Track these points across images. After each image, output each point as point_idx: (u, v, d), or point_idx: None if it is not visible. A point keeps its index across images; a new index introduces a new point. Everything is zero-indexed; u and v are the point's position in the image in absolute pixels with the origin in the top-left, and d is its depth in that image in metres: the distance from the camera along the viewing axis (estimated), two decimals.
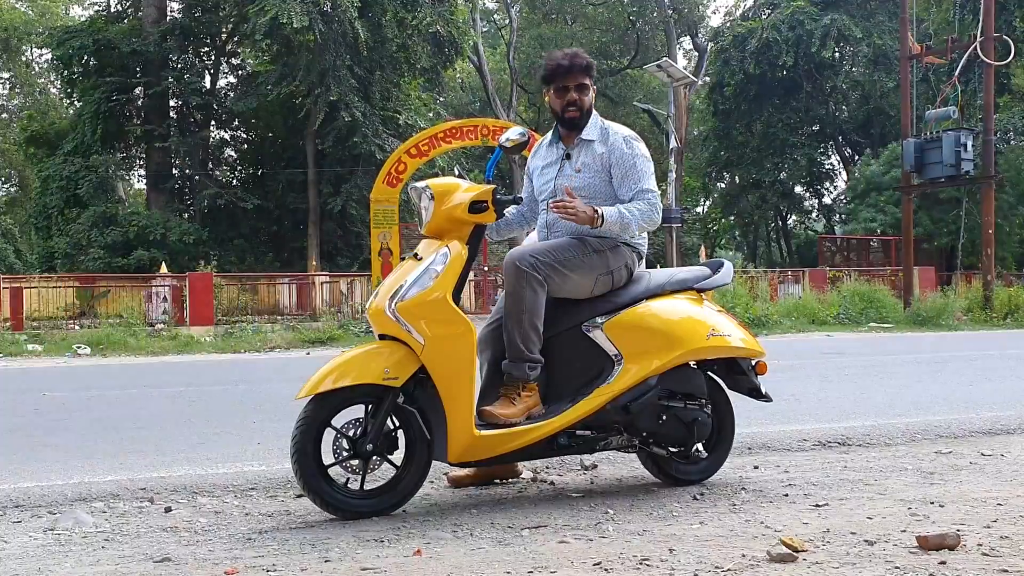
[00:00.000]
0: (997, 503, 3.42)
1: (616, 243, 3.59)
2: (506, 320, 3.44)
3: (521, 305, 3.40)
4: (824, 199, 41.23)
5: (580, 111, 3.64)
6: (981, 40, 18.22)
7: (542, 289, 3.42)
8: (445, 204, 3.39)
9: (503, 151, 3.56)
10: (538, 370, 3.47)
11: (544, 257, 3.44)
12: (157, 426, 5.55)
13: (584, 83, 3.63)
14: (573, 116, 3.65)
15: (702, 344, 3.68)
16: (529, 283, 3.40)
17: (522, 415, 3.39)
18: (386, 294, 3.35)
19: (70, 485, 3.84)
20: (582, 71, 3.61)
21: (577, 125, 3.66)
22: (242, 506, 3.58)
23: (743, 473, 4.10)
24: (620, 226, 3.47)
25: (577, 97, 3.62)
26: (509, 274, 3.43)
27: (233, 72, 29.76)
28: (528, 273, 3.40)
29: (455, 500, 3.64)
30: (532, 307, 3.40)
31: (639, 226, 3.53)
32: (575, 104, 3.62)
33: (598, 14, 37.75)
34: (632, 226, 3.50)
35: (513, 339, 3.42)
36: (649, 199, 3.56)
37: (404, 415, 3.34)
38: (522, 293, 3.39)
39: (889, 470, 4.12)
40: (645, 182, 3.59)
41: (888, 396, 6.67)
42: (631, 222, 3.48)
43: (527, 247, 3.53)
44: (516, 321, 3.41)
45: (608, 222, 3.43)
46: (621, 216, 3.47)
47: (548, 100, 3.73)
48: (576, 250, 3.51)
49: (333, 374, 3.24)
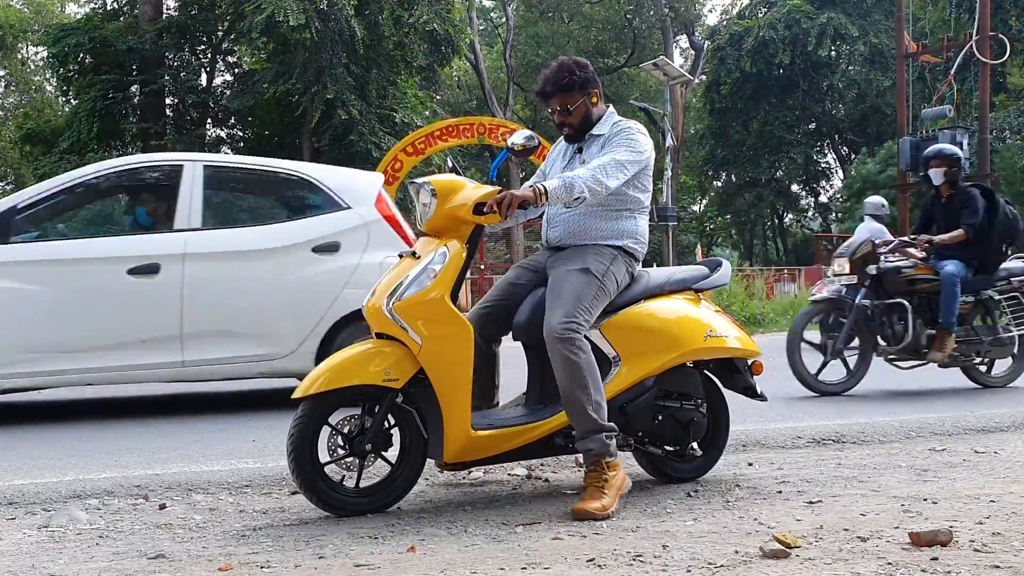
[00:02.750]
0: (990, 500, 3.43)
1: (614, 255, 3.53)
2: (568, 397, 3.28)
3: (580, 374, 3.26)
4: (820, 197, 41.35)
5: (573, 129, 3.62)
6: (977, 39, 18.26)
7: (587, 346, 3.32)
8: (448, 203, 3.33)
9: (510, 153, 3.55)
10: (615, 439, 3.37)
11: (570, 312, 3.31)
12: (152, 422, 5.55)
13: (568, 104, 3.55)
14: (568, 134, 3.65)
15: (699, 345, 3.68)
16: (578, 349, 3.28)
17: (615, 501, 3.27)
18: (383, 292, 3.32)
19: (64, 482, 3.83)
20: (562, 93, 3.53)
21: (575, 139, 3.66)
22: (236, 503, 3.58)
23: (737, 470, 4.11)
24: (565, 191, 3.31)
25: (564, 119, 3.60)
26: (554, 350, 3.28)
27: (229, 70, 29.72)
28: (571, 338, 3.27)
29: (450, 497, 3.64)
30: (591, 371, 3.29)
31: (587, 187, 3.32)
32: (564, 124, 3.62)
33: (595, 12, 37.74)
34: (575, 188, 3.31)
35: (582, 411, 3.27)
36: (603, 164, 3.40)
37: (401, 414, 3.33)
38: (576, 362, 3.26)
39: (883, 467, 4.13)
40: (617, 152, 3.47)
41: (882, 393, 6.68)
42: (574, 184, 3.31)
43: (548, 313, 3.36)
44: (582, 392, 3.26)
45: (552, 194, 3.29)
46: (563, 182, 3.32)
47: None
48: (589, 283, 3.41)
49: (331, 373, 3.22)
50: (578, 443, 3.34)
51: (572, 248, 3.58)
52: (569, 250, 3.58)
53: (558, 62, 3.63)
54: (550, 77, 3.56)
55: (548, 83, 3.56)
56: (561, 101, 3.56)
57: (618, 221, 3.60)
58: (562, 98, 3.55)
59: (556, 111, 3.60)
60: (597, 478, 3.29)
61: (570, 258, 3.52)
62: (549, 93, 3.56)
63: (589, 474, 3.32)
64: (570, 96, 3.55)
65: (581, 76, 3.57)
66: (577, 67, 3.58)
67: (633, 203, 3.63)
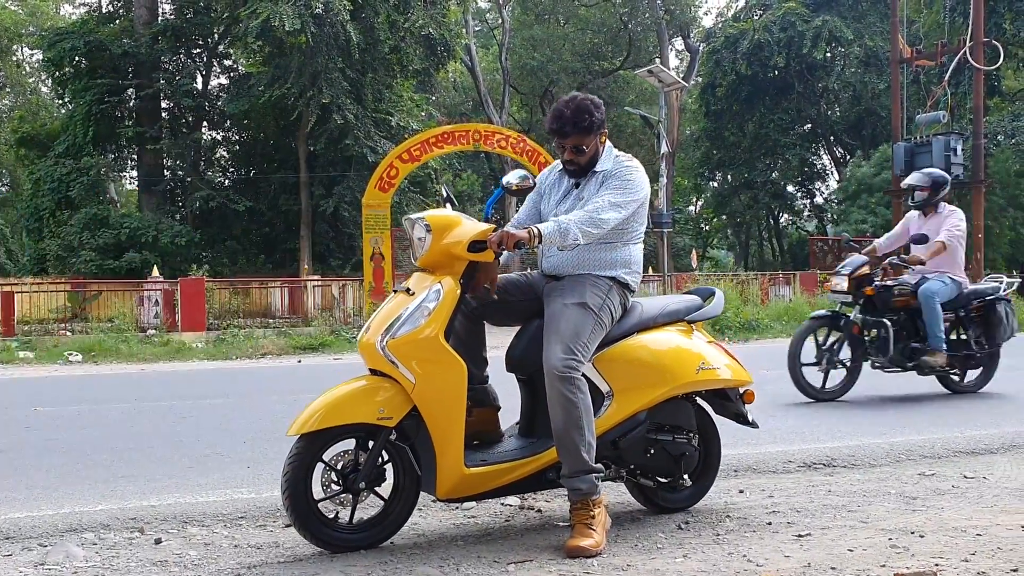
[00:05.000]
0: (976, 533, 3.47)
1: (610, 286, 3.56)
2: (562, 437, 3.31)
3: (577, 414, 3.30)
4: (816, 199, 41.43)
5: (577, 167, 3.61)
6: (970, 45, 18.32)
7: (585, 386, 3.36)
8: (443, 239, 3.36)
9: (505, 192, 3.57)
10: (600, 479, 3.42)
11: (570, 349, 3.34)
12: (147, 447, 5.56)
13: (583, 145, 3.54)
14: (571, 171, 3.65)
15: (691, 378, 3.71)
16: (576, 389, 3.32)
17: (604, 537, 3.32)
18: (377, 329, 3.34)
19: (60, 515, 3.86)
20: (578, 134, 3.52)
21: (576, 176, 3.66)
22: (231, 536, 3.61)
23: (728, 498, 4.15)
24: (560, 236, 3.36)
25: (573, 157, 3.59)
26: (553, 388, 3.31)
27: (225, 73, 29.70)
28: (571, 377, 3.31)
29: (443, 529, 3.68)
30: (587, 412, 3.33)
31: (580, 231, 3.37)
32: (572, 162, 3.61)
33: (590, 15, 37.74)
34: (570, 233, 3.36)
35: (575, 451, 3.30)
36: (599, 207, 3.44)
37: (395, 450, 3.35)
38: (574, 402, 3.30)
39: (872, 494, 4.18)
40: (613, 194, 3.50)
41: (873, 411, 6.75)
42: (568, 229, 3.36)
43: (547, 348, 3.38)
44: (577, 433, 3.30)
45: (546, 237, 3.34)
46: (558, 226, 3.36)
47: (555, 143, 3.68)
48: (586, 317, 3.44)
49: (324, 410, 3.23)
50: (567, 480, 3.38)
51: (568, 279, 3.60)
52: (565, 281, 3.60)
53: (575, 102, 3.56)
54: (569, 117, 3.52)
55: (567, 123, 3.52)
56: (577, 142, 3.55)
57: (612, 251, 3.63)
58: (578, 138, 3.54)
59: (569, 150, 3.58)
60: (585, 515, 3.33)
61: (566, 290, 3.54)
62: (567, 133, 3.54)
63: (577, 512, 3.35)
64: (587, 138, 3.55)
65: (599, 118, 3.56)
66: (594, 107, 3.56)
67: (628, 233, 3.65)
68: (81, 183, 24.88)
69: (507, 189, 3.53)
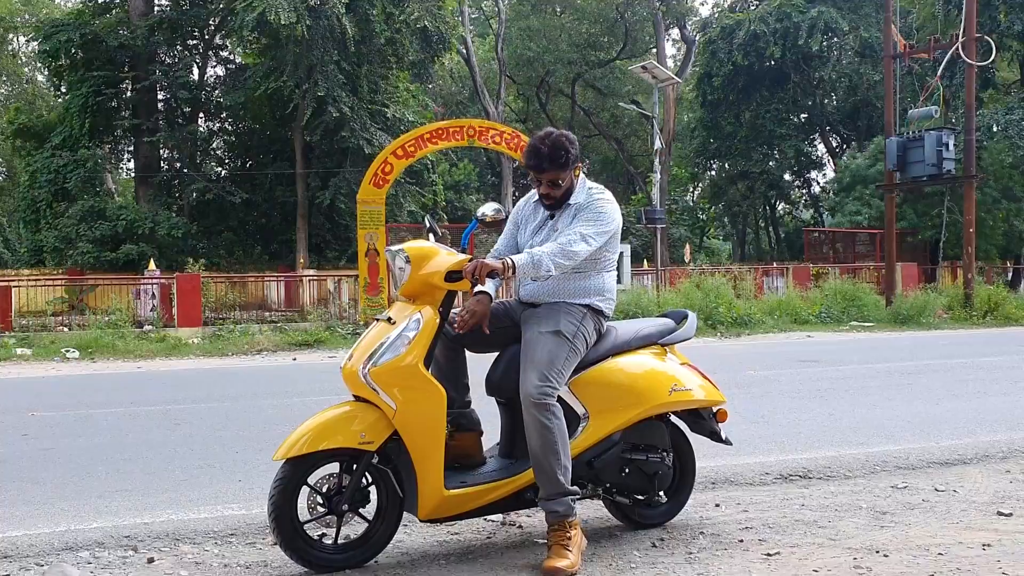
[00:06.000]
0: (939, 552, 3.61)
1: (584, 313, 3.68)
2: (539, 461, 3.43)
3: (552, 439, 3.42)
4: (812, 188, 41.54)
5: (553, 200, 3.71)
6: (963, 41, 18.36)
7: (560, 412, 3.48)
8: (422, 269, 3.49)
9: (479, 224, 3.70)
10: (577, 499, 3.55)
11: (544, 376, 3.46)
12: (142, 458, 5.68)
13: (559, 180, 3.64)
14: (547, 204, 3.74)
15: (664, 400, 3.84)
16: (551, 415, 3.44)
17: (579, 557, 3.44)
18: (360, 357, 3.46)
19: (56, 533, 3.98)
20: (554, 169, 3.61)
21: (552, 208, 3.75)
22: (221, 555, 3.74)
23: (704, 512, 4.29)
24: (532, 266, 3.47)
25: (549, 191, 3.68)
26: (529, 415, 3.43)
27: (221, 65, 29.71)
28: (546, 404, 3.43)
29: (426, 548, 3.81)
30: (562, 437, 3.45)
31: (553, 263, 3.48)
32: (548, 196, 3.70)
33: (586, 5, 37.73)
34: (543, 265, 3.47)
35: (552, 476, 3.43)
36: (571, 239, 3.54)
37: (377, 473, 3.49)
38: (549, 427, 3.42)
39: (844, 508, 4.31)
40: (585, 227, 3.60)
41: (854, 419, 6.84)
42: (541, 260, 3.47)
43: (523, 376, 3.50)
44: (553, 457, 3.42)
45: (520, 268, 3.45)
46: (531, 258, 3.47)
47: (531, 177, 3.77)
48: (560, 345, 3.55)
49: (309, 436, 3.36)
50: (544, 503, 3.51)
51: (544, 307, 3.73)
52: (541, 309, 3.73)
53: (552, 139, 3.65)
54: (546, 154, 3.62)
55: (544, 160, 3.62)
56: (553, 176, 3.65)
57: (586, 280, 3.76)
58: (555, 174, 3.64)
59: (546, 184, 3.68)
60: (562, 536, 3.46)
61: (542, 318, 3.67)
62: (544, 169, 3.64)
63: (554, 533, 3.49)
64: (562, 172, 3.65)
65: (574, 154, 3.66)
66: (569, 143, 3.65)
67: (601, 262, 3.78)
68: (78, 175, 24.97)
69: (481, 221, 3.67)
